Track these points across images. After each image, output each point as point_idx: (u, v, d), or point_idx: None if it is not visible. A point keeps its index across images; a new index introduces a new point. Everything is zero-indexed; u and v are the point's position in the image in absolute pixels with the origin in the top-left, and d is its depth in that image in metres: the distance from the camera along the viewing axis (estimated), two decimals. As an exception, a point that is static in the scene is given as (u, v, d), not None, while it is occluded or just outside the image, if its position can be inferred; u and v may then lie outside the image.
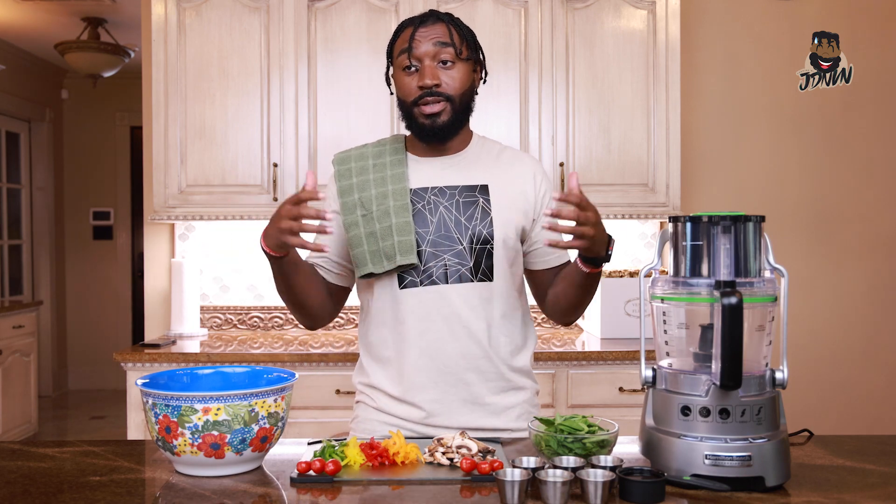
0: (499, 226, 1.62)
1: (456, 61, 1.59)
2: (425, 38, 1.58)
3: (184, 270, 3.26)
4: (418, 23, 1.60)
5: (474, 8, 3.10)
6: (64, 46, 5.22)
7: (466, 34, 1.63)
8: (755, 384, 1.30)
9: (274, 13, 3.10)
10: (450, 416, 1.62)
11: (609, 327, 3.08)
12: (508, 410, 1.65)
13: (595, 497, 1.17)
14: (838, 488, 1.27)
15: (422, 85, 1.57)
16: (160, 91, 3.09)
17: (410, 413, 1.63)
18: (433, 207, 1.62)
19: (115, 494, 1.25)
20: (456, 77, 1.59)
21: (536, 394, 1.75)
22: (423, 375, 1.61)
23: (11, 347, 4.81)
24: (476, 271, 1.60)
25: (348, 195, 1.65)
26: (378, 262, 1.60)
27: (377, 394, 1.68)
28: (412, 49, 1.58)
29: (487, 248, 1.61)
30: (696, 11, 3.48)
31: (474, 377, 1.62)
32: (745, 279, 1.31)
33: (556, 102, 3.13)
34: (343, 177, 1.67)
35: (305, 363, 2.80)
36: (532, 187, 1.69)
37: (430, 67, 1.57)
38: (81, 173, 7.00)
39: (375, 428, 1.66)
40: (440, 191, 1.63)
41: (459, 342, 1.61)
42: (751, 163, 3.52)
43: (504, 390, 1.65)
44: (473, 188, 1.64)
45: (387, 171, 1.64)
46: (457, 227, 1.61)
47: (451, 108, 1.60)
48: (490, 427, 1.62)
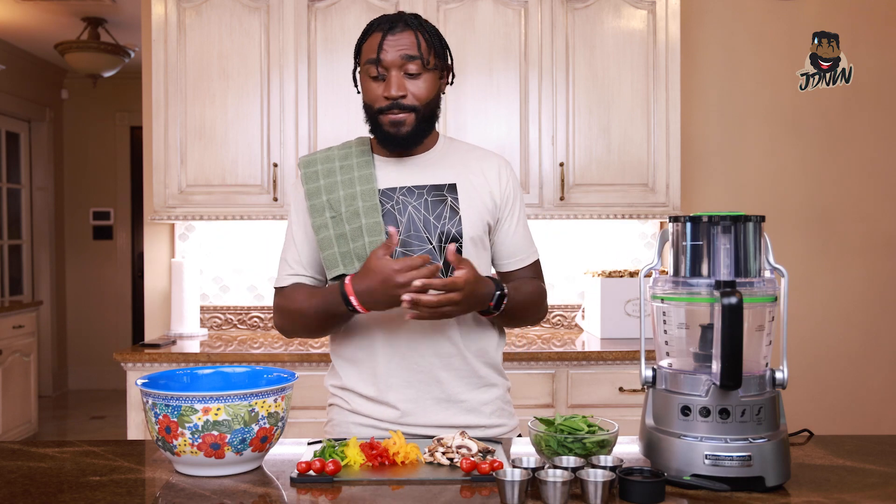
0: (467, 224, 1.63)
1: (423, 72, 1.59)
2: (393, 47, 1.57)
3: (184, 270, 3.26)
4: (387, 29, 1.58)
5: (474, 8, 3.10)
6: (64, 46, 5.23)
7: (434, 40, 1.62)
8: (755, 384, 1.30)
9: (274, 13, 3.10)
10: (424, 415, 1.62)
11: (609, 327, 3.08)
12: (483, 407, 1.66)
13: (595, 497, 1.17)
14: (838, 488, 1.27)
15: (388, 95, 1.57)
16: (160, 91, 3.10)
17: (385, 413, 1.63)
18: (402, 207, 1.62)
19: (115, 494, 1.25)
20: (422, 87, 1.59)
21: (508, 391, 1.76)
22: (396, 376, 1.62)
23: (11, 347, 4.81)
24: (446, 269, 1.60)
25: (316, 197, 1.65)
26: (349, 264, 1.60)
27: (351, 395, 1.67)
28: (380, 60, 1.57)
29: (457, 245, 1.62)
30: (696, 11, 3.48)
31: (447, 375, 1.63)
32: (745, 279, 1.31)
33: (556, 102, 3.13)
34: (310, 179, 1.67)
35: (305, 363, 2.80)
36: (498, 185, 1.70)
37: (396, 77, 1.57)
38: (81, 173, 7.00)
39: (351, 430, 1.66)
40: (408, 190, 1.64)
41: (431, 341, 1.62)
42: (751, 163, 3.52)
43: (477, 387, 1.66)
44: (441, 187, 1.65)
45: (354, 173, 1.65)
46: (426, 226, 1.62)
47: (416, 118, 1.60)
48: (465, 424, 1.63)
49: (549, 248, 3.45)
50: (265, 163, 3.10)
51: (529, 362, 2.81)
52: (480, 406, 1.66)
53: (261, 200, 3.09)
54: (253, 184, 3.10)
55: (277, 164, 3.08)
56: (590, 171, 3.14)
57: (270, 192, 3.09)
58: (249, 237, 3.44)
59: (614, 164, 3.14)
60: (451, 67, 1.69)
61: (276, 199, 3.08)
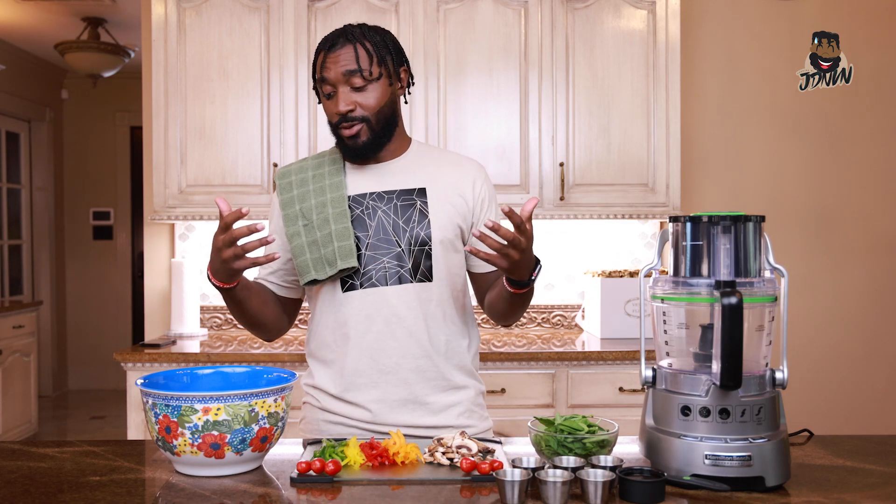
0: (436, 227, 1.65)
1: (367, 83, 1.61)
2: (334, 63, 1.60)
3: (184, 270, 3.26)
4: (328, 48, 1.62)
5: (474, 8, 3.10)
6: (64, 46, 5.23)
7: (378, 48, 1.62)
8: (755, 384, 1.30)
9: (274, 13, 3.10)
10: (391, 415, 1.64)
11: (609, 327, 3.08)
12: (449, 409, 1.67)
13: (595, 497, 1.17)
14: (838, 488, 1.27)
15: (337, 111, 1.61)
16: (160, 91, 3.10)
17: (355, 413, 1.65)
18: (371, 212, 1.65)
19: (115, 494, 1.25)
20: (369, 97, 1.61)
21: (482, 394, 1.76)
22: (364, 376, 1.65)
23: (11, 347, 4.81)
24: (415, 272, 1.64)
25: (290, 207, 1.70)
26: (321, 269, 1.64)
27: (320, 394, 1.71)
28: (324, 78, 1.62)
29: (425, 249, 1.64)
30: (696, 11, 3.48)
31: (414, 377, 1.64)
32: (745, 279, 1.31)
33: (556, 102, 3.13)
34: (284, 190, 1.72)
35: (305, 363, 2.80)
36: (471, 191, 1.71)
37: (342, 93, 1.61)
38: (81, 173, 7.00)
39: (322, 427, 1.69)
40: (378, 196, 1.66)
41: (399, 342, 1.64)
42: (751, 163, 3.52)
43: (444, 389, 1.67)
44: (411, 191, 1.67)
45: (325, 181, 1.68)
46: (395, 229, 1.64)
47: (370, 128, 1.63)
48: (432, 425, 1.65)
49: (549, 248, 3.45)
50: (265, 163, 3.10)
51: (529, 362, 2.81)
52: (447, 408, 1.67)
53: (261, 200, 3.09)
54: (253, 184, 3.10)
55: (277, 164, 3.08)
56: (590, 171, 3.14)
57: (270, 192, 3.09)
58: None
59: (614, 164, 3.14)
60: (409, 70, 1.70)
61: (276, 199, 3.08)
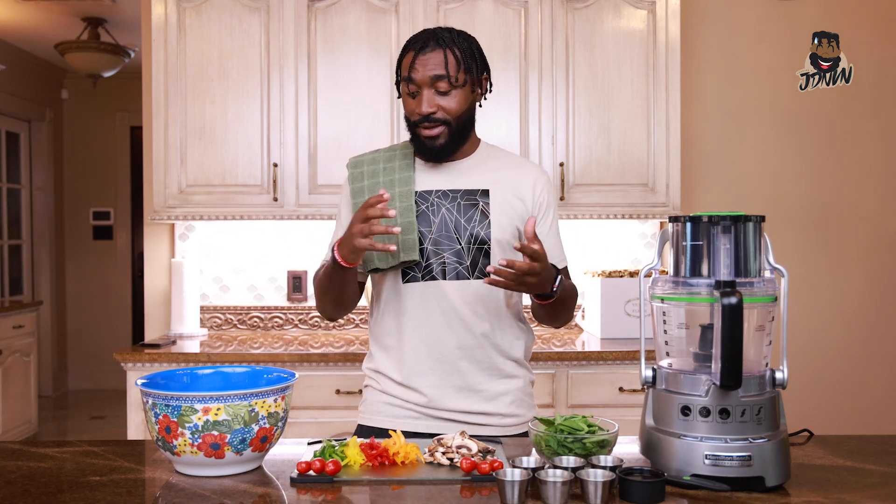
0: (496, 228, 1.72)
1: (452, 89, 1.68)
2: (423, 66, 1.66)
3: (184, 270, 3.26)
4: (418, 49, 1.68)
5: (474, 8, 3.10)
6: (64, 46, 5.22)
7: (465, 56, 1.69)
8: (755, 384, 1.30)
9: (274, 13, 3.10)
10: (447, 401, 1.72)
11: (609, 327, 3.08)
12: (502, 396, 1.75)
13: (595, 497, 1.17)
14: (838, 488, 1.27)
15: (419, 112, 1.68)
16: (160, 91, 3.10)
17: (412, 397, 1.73)
18: (436, 209, 1.73)
19: (115, 494, 1.25)
20: (453, 102, 1.69)
21: (531, 384, 1.84)
22: (421, 363, 1.73)
23: (11, 347, 4.81)
24: (473, 269, 1.71)
25: (360, 197, 1.76)
26: (383, 259, 1.71)
27: (382, 378, 1.78)
28: (411, 78, 1.68)
29: (484, 248, 1.72)
30: (696, 11, 3.48)
31: (468, 365, 1.72)
32: (745, 279, 1.31)
33: (556, 102, 3.13)
34: (355, 180, 1.79)
35: (305, 363, 2.80)
36: (531, 195, 1.78)
37: (427, 95, 1.67)
38: (81, 173, 7.00)
39: (381, 409, 1.76)
40: (444, 194, 1.74)
41: (455, 333, 1.71)
42: (751, 163, 3.52)
43: (496, 378, 1.75)
44: (475, 192, 1.74)
45: (395, 175, 1.76)
46: (457, 227, 1.72)
47: (449, 131, 1.70)
48: (484, 411, 1.72)
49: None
50: (265, 163, 3.10)
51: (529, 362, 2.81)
52: (499, 396, 1.74)
53: (261, 200, 3.09)
54: (253, 184, 3.10)
55: (277, 164, 3.08)
56: (590, 171, 3.14)
57: (270, 192, 3.09)
58: (249, 237, 3.44)
59: (614, 164, 3.14)
60: (489, 78, 1.77)
61: (276, 199, 3.08)
